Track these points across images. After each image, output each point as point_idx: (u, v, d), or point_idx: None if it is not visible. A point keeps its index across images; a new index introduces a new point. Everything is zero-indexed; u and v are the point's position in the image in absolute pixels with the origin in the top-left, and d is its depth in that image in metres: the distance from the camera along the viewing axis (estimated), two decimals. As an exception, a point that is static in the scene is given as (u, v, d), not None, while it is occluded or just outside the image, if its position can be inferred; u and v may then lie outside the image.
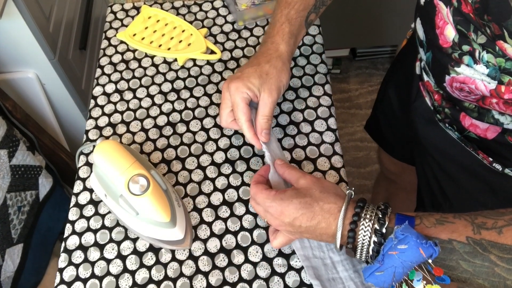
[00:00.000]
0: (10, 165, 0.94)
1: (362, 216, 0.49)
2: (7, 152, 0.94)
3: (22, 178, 0.98)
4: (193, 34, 0.83)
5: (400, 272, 0.45)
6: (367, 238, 0.48)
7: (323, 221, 0.51)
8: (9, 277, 0.95)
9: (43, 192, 1.05)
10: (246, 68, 0.62)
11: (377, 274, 0.46)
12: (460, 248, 0.45)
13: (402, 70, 0.81)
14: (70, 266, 0.62)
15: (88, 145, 0.71)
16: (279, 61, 0.61)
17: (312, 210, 0.51)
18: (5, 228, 0.92)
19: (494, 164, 0.62)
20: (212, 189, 0.67)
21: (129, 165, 0.58)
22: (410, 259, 0.44)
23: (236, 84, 0.60)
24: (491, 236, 0.44)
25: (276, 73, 0.60)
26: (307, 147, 0.71)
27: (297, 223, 0.52)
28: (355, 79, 1.84)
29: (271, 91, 0.60)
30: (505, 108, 0.51)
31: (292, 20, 0.63)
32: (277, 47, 0.62)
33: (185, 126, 0.74)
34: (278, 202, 0.53)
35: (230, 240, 0.63)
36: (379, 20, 1.60)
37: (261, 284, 0.60)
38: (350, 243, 0.49)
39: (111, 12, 0.89)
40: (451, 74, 0.54)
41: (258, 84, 0.60)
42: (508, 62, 0.47)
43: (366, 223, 0.48)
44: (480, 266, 0.44)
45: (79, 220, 0.65)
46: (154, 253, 0.63)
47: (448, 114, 0.64)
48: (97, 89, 0.79)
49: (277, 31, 0.63)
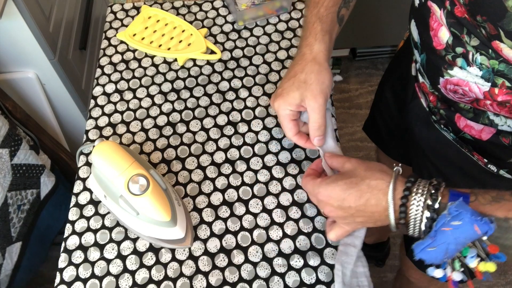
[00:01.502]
0: (11, 164, 0.94)
1: (413, 190, 0.47)
2: (8, 151, 0.94)
3: (23, 177, 0.98)
4: (193, 34, 0.83)
5: (452, 249, 0.44)
6: (420, 213, 0.46)
7: (372, 197, 0.49)
8: (7, 275, 0.95)
9: (45, 191, 1.05)
10: (285, 82, 0.60)
11: (428, 250, 0.45)
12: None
13: (399, 71, 0.81)
14: (70, 266, 0.62)
15: (88, 145, 0.71)
16: (315, 64, 0.59)
17: (359, 189, 0.50)
18: (5, 227, 0.92)
19: (489, 166, 0.62)
20: (212, 189, 0.67)
21: (128, 165, 0.58)
22: (464, 236, 0.43)
23: (278, 102, 0.60)
24: None
25: (314, 78, 0.58)
26: (307, 147, 0.71)
27: (346, 204, 0.51)
28: (355, 79, 1.84)
29: (315, 97, 0.58)
30: (499, 110, 0.51)
31: (323, 18, 0.61)
32: (312, 49, 0.60)
33: (185, 126, 0.74)
34: (324, 187, 0.53)
35: (230, 240, 0.63)
36: (379, 20, 1.60)
37: (261, 284, 0.60)
38: (402, 218, 0.48)
39: (111, 12, 0.89)
40: (445, 76, 0.54)
41: (299, 96, 0.58)
42: (502, 64, 0.47)
43: (418, 197, 0.47)
44: None
45: (79, 220, 0.65)
46: (154, 253, 0.63)
47: (443, 115, 0.64)
48: (97, 89, 0.79)
49: (309, 32, 0.61)
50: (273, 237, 0.63)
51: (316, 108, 0.58)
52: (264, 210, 0.65)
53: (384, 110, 0.90)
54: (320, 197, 0.53)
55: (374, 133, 1.00)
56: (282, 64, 0.80)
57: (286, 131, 0.61)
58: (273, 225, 0.64)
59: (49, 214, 1.07)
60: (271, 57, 0.81)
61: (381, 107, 0.91)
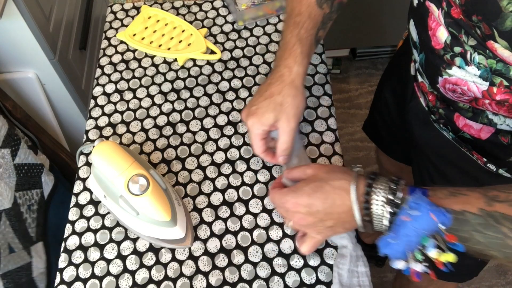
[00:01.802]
0: (14, 164, 0.95)
1: (375, 187, 0.49)
2: (10, 151, 0.94)
3: (27, 177, 0.98)
4: (193, 34, 0.83)
5: (413, 241, 0.46)
6: (381, 208, 0.48)
7: (337, 198, 0.51)
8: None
9: (47, 190, 1.05)
10: (260, 100, 0.61)
11: (391, 244, 0.47)
12: (472, 219, 0.45)
13: (398, 71, 0.81)
14: (70, 266, 0.62)
15: (88, 145, 0.71)
16: (292, 88, 0.60)
17: (324, 191, 0.51)
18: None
19: (488, 165, 0.62)
20: (212, 189, 0.67)
21: (128, 166, 0.58)
22: (423, 226, 0.45)
23: (252, 121, 0.60)
24: (504, 208, 0.44)
25: (291, 101, 0.60)
26: (307, 147, 0.71)
27: (314, 209, 0.52)
28: (355, 79, 1.84)
29: (289, 120, 0.60)
30: (498, 109, 0.52)
31: (303, 40, 0.62)
32: (291, 71, 0.61)
33: (185, 126, 0.74)
34: (291, 195, 0.53)
35: (230, 240, 0.63)
36: (379, 20, 1.60)
37: (261, 284, 0.60)
38: (366, 215, 0.49)
39: (111, 12, 0.89)
40: (443, 76, 0.55)
41: (273, 117, 0.60)
42: (499, 64, 0.47)
43: (379, 193, 0.48)
44: (492, 237, 0.44)
45: (79, 220, 0.65)
46: (154, 253, 0.63)
47: (442, 114, 0.64)
48: (97, 89, 0.79)
49: (289, 53, 0.61)
50: (273, 237, 0.63)
51: (287, 131, 0.60)
52: (264, 210, 0.65)
53: (384, 110, 0.90)
54: (288, 205, 0.54)
55: (374, 133, 1.01)
56: (282, 64, 0.80)
57: (255, 148, 0.62)
58: (273, 225, 0.64)
59: (55, 213, 1.07)
60: (271, 57, 0.81)
61: (381, 107, 0.91)
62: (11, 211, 0.89)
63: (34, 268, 0.93)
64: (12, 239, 0.88)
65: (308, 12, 0.62)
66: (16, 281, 0.87)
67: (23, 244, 0.92)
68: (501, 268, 1.47)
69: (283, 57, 0.62)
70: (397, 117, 0.84)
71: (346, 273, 0.58)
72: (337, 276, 0.58)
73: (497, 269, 1.47)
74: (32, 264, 0.93)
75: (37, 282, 0.94)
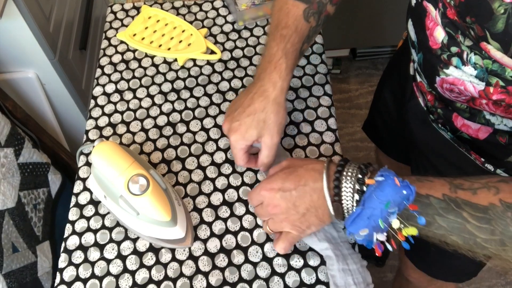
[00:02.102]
0: (18, 163, 0.95)
1: (346, 167, 0.51)
2: (13, 150, 0.94)
3: (32, 176, 0.98)
4: (193, 34, 0.83)
5: (377, 214, 0.47)
6: (351, 186, 0.50)
7: (310, 178, 0.53)
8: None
9: (54, 189, 1.05)
10: (243, 116, 0.61)
11: (356, 219, 0.48)
12: (436, 203, 0.47)
13: (397, 71, 0.81)
14: (70, 266, 0.62)
15: (88, 145, 0.71)
16: (275, 104, 0.60)
17: (298, 174, 0.54)
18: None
19: (486, 165, 0.62)
20: (212, 189, 0.67)
21: (128, 166, 0.58)
22: (387, 192, 0.47)
23: (235, 138, 0.61)
24: (466, 195, 0.46)
25: (274, 118, 0.60)
26: (307, 147, 0.71)
27: (287, 190, 0.54)
28: (355, 79, 1.84)
29: (272, 137, 0.61)
30: (495, 109, 0.52)
31: (289, 54, 0.62)
32: (275, 86, 0.61)
33: (185, 126, 0.74)
34: (265, 181, 0.56)
35: (230, 240, 0.63)
36: (379, 20, 1.60)
37: (261, 284, 0.60)
38: (336, 194, 0.51)
39: (111, 12, 0.89)
40: (441, 76, 0.55)
41: (256, 134, 0.61)
42: (495, 64, 0.47)
43: (350, 172, 0.51)
44: (453, 222, 0.46)
45: (79, 220, 0.65)
46: (154, 253, 0.63)
47: (441, 114, 0.64)
48: (97, 89, 0.79)
49: (274, 67, 0.61)
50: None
51: (270, 147, 0.62)
52: (264, 210, 0.65)
53: (383, 109, 0.90)
54: (263, 192, 0.56)
55: (374, 133, 1.01)
56: (282, 64, 0.80)
57: (239, 161, 0.64)
58: (273, 225, 0.64)
59: (63, 212, 1.07)
60: (271, 57, 0.81)
61: (380, 107, 0.92)
62: (14, 211, 0.89)
63: (39, 267, 0.93)
64: (16, 238, 0.88)
65: (295, 25, 0.62)
66: (20, 280, 0.87)
67: (28, 243, 0.92)
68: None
69: (267, 70, 0.62)
70: (396, 116, 0.84)
71: (338, 273, 0.58)
72: (330, 278, 0.58)
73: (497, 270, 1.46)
74: (37, 264, 0.93)
75: (43, 281, 0.94)
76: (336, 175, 0.51)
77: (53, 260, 0.98)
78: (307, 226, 0.56)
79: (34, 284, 0.91)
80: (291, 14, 0.62)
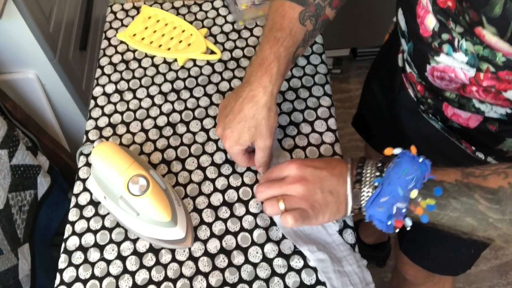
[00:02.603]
0: (10, 165, 0.94)
1: (366, 163, 0.54)
2: (7, 152, 0.94)
3: (22, 178, 0.98)
4: (193, 34, 0.83)
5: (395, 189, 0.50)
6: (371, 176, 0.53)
7: (338, 164, 0.56)
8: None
9: (41, 191, 1.05)
10: (235, 123, 0.61)
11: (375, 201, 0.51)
12: (449, 187, 0.49)
13: (386, 64, 0.81)
14: (70, 267, 0.62)
15: (88, 145, 0.71)
16: (265, 109, 0.60)
17: (326, 160, 0.58)
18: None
19: (477, 153, 0.64)
20: (212, 190, 0.67)
21: (127, 166, 0.58)
22: (404, 167, 0.50)
23: (230, 144, 0.62)
24: (477, 181, 0.49)
25: (265, 124, 0.60)
26: (307, 147, 0.71)
27: (318, 168, 0.56)
28: (355, 79, 1.83)
29: (264, 140, 0.61)
30: (485, 96, 0.53)
31: (281, 58, 0.60)
32: (265, 91, 0.60)
33: (185, 127, 0.74)
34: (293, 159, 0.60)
35: (230, 241, 0.63)
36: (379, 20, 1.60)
37: (261, 285, 0.60)
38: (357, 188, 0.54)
39: (111, 12, 0.89)
40: (431, 64, 0.56)
41: (249, 139, 0.61)
42: (486, 50, 0.48)
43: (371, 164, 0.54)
44: (466, 203, 0.48)
45: (79, 221, 0.65)
46: (154, 253, 0.62)
47: (431, 104, 0.65)
48: (97, 89, 0.79)
49: (265, 71, 0.60)
50: (273, 238, 0.63)
51: (264, 149, 0.62)
52: (264, 210, 0.65)
53: (372, 103, 0.91)
54: (292, 164, 0.57)
55: (363, 128, 1.02)
56: (282, 64, 0.80)
57: (239, 163, 0.65)
58: (273, 225, 0.64)
59: (46, 214, 1.07)
60: (271, 57, 0.81)
61: (369, 101, 0.92)
62: (2, 212, 0.89)
63: (20, 270, 0.93)
64: (2, 240, 0.88)
65: (289, 28, 0.61)
66: (4, 283, 0.86)
67: (11, 245, 0.91)
68: (502, 268, 1.47)
69: (257, 74, 0.60)
70: (386, 109, 0.85)
71: (334, 275, 0.58)
72: (327, 280, 0.58)
73: (499, 269, 1.46)
74: (18, 266, 0.92)
75: (23, 284, 0.93)
76: (360, 164, 0.54)
77: (32, 263, 0.97)
78: (323, 211, 0.55)
79: (16, 287, 0.90)
80: (287, 16, 0.62)
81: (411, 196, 0.49)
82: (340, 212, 0.55)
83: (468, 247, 0.81)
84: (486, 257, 1.49)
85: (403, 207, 0.50)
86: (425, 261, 0.89)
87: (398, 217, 0.51)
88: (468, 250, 0.82)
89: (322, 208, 0.55)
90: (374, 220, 0.52)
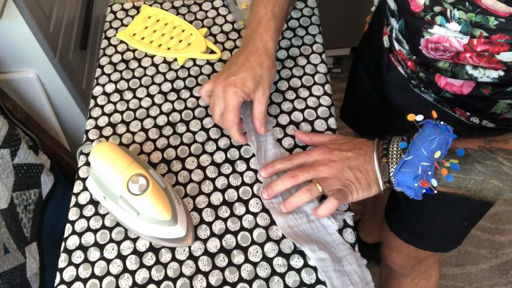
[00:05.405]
0: (13, 164, 0.95)
1: (391, 140, 0.58)
2: (9, 151, 0.94)
3: (25, 177, 0.98)
4: (193, 33, 0.83)
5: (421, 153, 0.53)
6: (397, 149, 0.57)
7: (364, 144, 0.61)
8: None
9: (46, 190, 1.05)
10: (241, 71, 0.64)
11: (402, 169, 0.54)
12: (473, 153, 0.53)
13: (369, 50, 0.83)
14: (70, 266, 0.62)
15: (88, 145, 0.71)
16: (269, 60, 0.65)
17: (352, 141, 0.62)
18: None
19: (472, 119, 0.65)
20: (212, 189, 0.67)
21: (127, 166, 0.58)
22: (431, 134, 0.53)
23: (234, 89, 0.63)
24: (499, 145, 0.53)
25: (268, 74, 0.65)
26: (307, 147, 0.71)
27: (343, 151, 0.60)
28: (356, 78, 1.83)
29: (265, 91, 0.65)
30: (478, 61, 0.55)
31: (277, 16, 0.67)
32: (267, 46, 0.66)
33: (185, 126, 0.74)
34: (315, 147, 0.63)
35: (230, 240, 0.63)
36: (380, 19, 1.60)
37: (261, 284, 0.60)
38: (384, 162, 0.57)
39: (111, 11, 0.89)
40: (425, 37, 0.58)
41: (254, 87, 0.64)
42: (478, 16, 0.50)
43: (396, 139, 0.58)
44: (490, 166, 0.52)
45: (79, 220, 0.66)
46: (154, 253, 0.63)
47: (423, 78, 0.66)
48: (97, 89, 0.79)
49: (264, 28, 0.66)
50: (273, 237, 0.63)
51: (263, 101, 0.65)
52: (264, 209, 0.65)
53: (359, 91, 0.92)
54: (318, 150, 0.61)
55: (351, 118, 1.02)
56: (282, 63, 0.80)
57: (232, 117, 0.65)
58: (273, 224, 0.64)
59: (52, 213, 1.07)
60: (271, 56, 0.81)
61: (356, 89, 0.94)
62: (7, 212, 0.89)
63: (28, 268, 0.93)
64: (8, 239, 0.88)
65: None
66: (11, 281, 0.87)
67: (18, 244, 0.92)
68: (502, 267, 1.47)
69: (257, 31, 0.66)
70: (374, 94, 0.86)
71: (334, 274, 0.58)
72: (327, 280, 0.58)
73: (499, 269, 1.46)
74: (26, 265, 0.93)
75: (31, 282, 0.94)
76: (385, 141, 0.58)
77: (40, 261, 0.98)
78: (356, 187, 0.59)
79: (23, 285, 0.91)
80: None
81: (435, 156, 0.52)
82: (371, 187, 0.59)
83: (462, 220, 0.82)
84: (487, 256, 1.49)
85: (428, 166, 0.53)
86: (417, 239, 0.89)
87: (424, 177, 0.53)
88: (461, 223, 0.83)
89: (354, 184, 0.59)
90: (403, 187, 0.55)
